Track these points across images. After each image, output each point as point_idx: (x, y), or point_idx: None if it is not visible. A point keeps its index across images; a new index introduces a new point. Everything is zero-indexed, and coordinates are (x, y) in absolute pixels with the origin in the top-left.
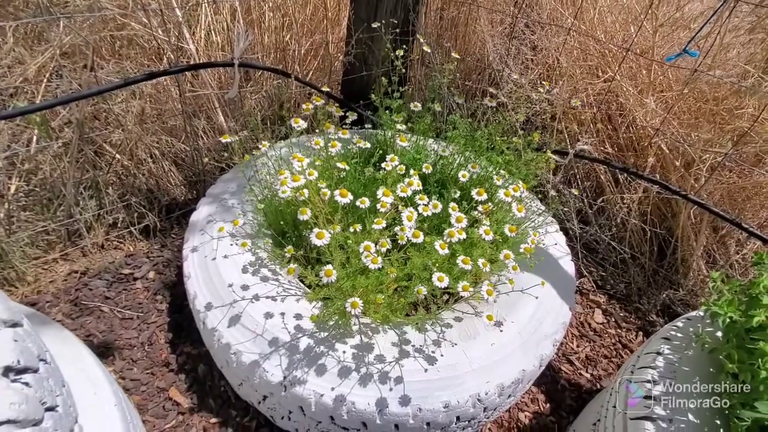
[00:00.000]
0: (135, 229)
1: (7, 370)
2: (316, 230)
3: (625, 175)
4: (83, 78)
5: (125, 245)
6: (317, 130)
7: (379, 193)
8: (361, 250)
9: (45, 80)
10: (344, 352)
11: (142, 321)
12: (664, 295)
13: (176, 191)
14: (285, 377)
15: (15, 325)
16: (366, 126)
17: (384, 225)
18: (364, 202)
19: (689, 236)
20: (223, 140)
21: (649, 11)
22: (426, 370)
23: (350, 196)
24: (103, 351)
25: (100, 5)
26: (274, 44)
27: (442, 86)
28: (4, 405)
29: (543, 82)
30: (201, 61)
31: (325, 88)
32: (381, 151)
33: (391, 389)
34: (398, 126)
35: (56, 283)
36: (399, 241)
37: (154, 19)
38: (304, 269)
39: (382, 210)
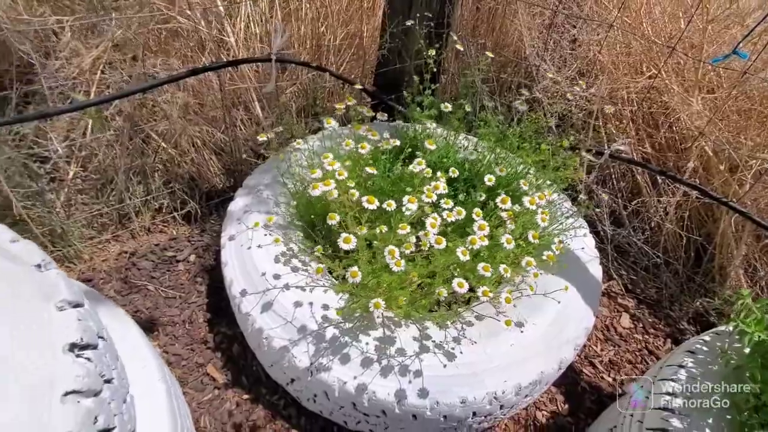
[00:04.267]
0: (178, 214)
1: (72, 347)
2: (343, 235)
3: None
4: (133, 70)
5: (169, 229)
6: (350, 125)
7: (405, 200)
8: (385, 253)
9: (99, 72)
10: (367, 343)
11: (183, 301)
12: (698, 303)
13: (215, 180)
14: (312, 363)
15: (77, 305)
16: (397, 118)
17: (408, 230)
18: (391, 205)
19: (729, 244)
20: (260, 138)
21: (701, 5)
22: (445, 366)
23: (376, 202)
24: (149, 326)
25: (149, 0)
26: (309, 35)
27: (475, 82)
28: (70, 377)
29: (580, 81)
30: (240, 53)
31: (358, 86)
32: (411, 148)
33: (410, 382)
34: (428, 125)
35: (108, 262)
36: (423, 245)
37: (197, 11)
38: (332, 261)
39: (407, 213)
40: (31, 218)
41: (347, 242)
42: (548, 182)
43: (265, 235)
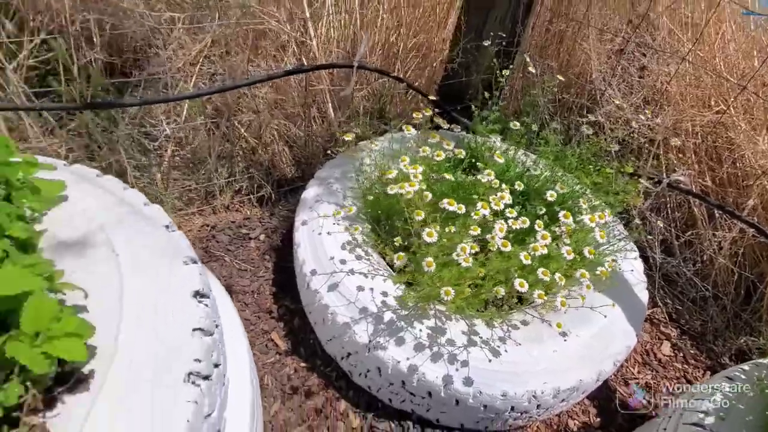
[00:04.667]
0: (254, 197)
1: (196, 294)
2: (427, 229)
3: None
4: (225, 64)
5: (244, 209)
6: (418, 132)
7: (478, 206)
8: (458, 250)
9: (199, 64)
10: (420, 330)
11: (253, 274)
12: (742, 341)
13: (286, 169)
14: (370, 341)
15: (195, 261)
16: (457, 127)
17: (478, 232)
18: (461, 209)
19: None
20: (347, 138)
21: None
22: (490, 361)
23: (456, 205)
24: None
25: (248, 2)
26: (381, 42)
27: (538, 102)
28: (195, 318)
29: (646, 109)
30: (319, 55)
31: (432, 97)
32: (471, 158)
33: (457, 369)
34: (492, 139)
35: (193, 232)
36: (489, 247)
37: (284, 13)
38: (393, 253)
39: (475, 217)
40: (138, 187)
41: (430, 236)
42: (603, 204)
43: (334, 223)
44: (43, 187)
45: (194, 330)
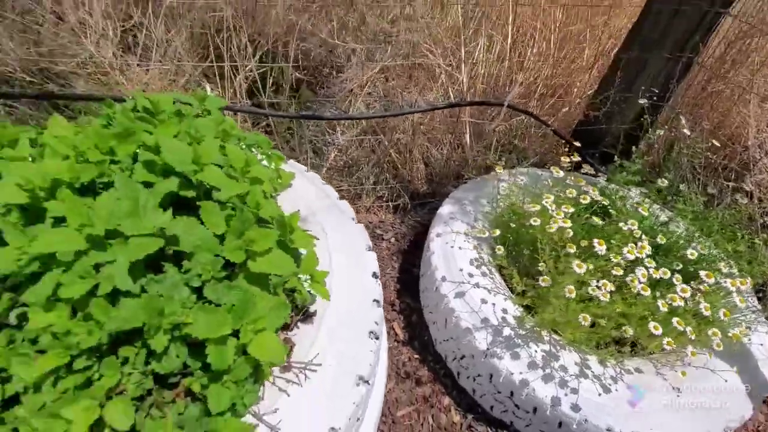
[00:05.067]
0: (391, 204)
1: (374, 274)
2: (576, 261)
3: None
4: (386, 89)
5: (381, 213)
6: (551, 168)
7: (624, 250)
8: (599, 285)
9: (366, 87)
10: (536, 351)
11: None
12: None
13: (420, 185)
14: (488, 348)
15: (371, 249)
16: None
17: (621, 273)
18: (602, 244)
19: None
20: (497, 169)
21: None
22: (600, 395)
23: (604, 246)
24: None
25: (413, 39)
26: (524, 82)
27: (681, 158)
28: (374, 292)
29: None
30: (466, 89)
31: (576, 144)
32: (606, 204)
33: (566, 394)
34: (633, 192)
35: None
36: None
37: (439, 50)
38: (519, 278)
39: (614, 260)
40: None
41: (579, 267)
42: (741, 272)
43: (465, 240)
44: (283, 176)
45: (373, 301)
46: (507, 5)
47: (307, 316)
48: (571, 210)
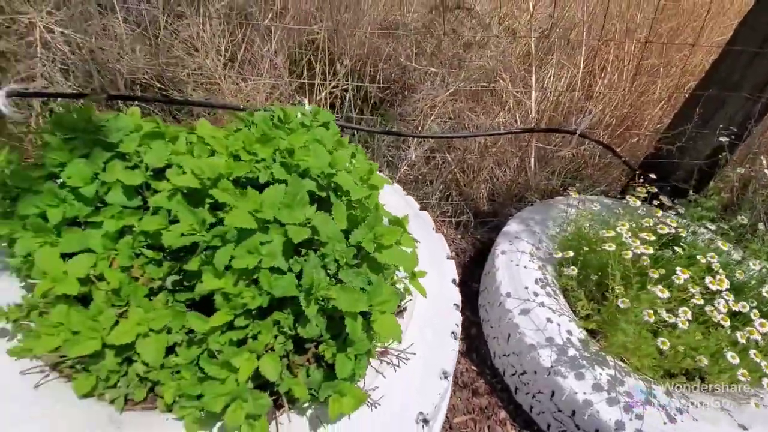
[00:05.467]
0: (454, 220)
1: (453, 281)
2: (659, 286)
3: None
4: (454, 108)
5: (444, 228)
6: (628, 197)
7: (707, 280)
8: (679, 312)
9: (436, 110)
10: (600, 374)
11: None
12: None
13: (480, 204)
14: (552, 366)
15: (450, 258)
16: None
17: (702, 302)
18: (680, 278)
19: None
20: (573, 194)
21: None
22: (665, 423)
23: (687, 274)
24: None
25: (486, 65)
26: (593, 110)
27: (756, 199)
28: (456, 298)
29: None
30: (532, 115)
31: (652, 176)
32: (680, 236)
33: (630, 419)
34: (705, 227)
35: None
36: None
37: (508, 76)
38: (588, 302)
39: (692, 290)
40: None
41: (663, 292)
42: None
43: (530, 260)
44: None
45: (454, 305)
46: (581, 37)
47: (400, 311)
48: (653, 238)
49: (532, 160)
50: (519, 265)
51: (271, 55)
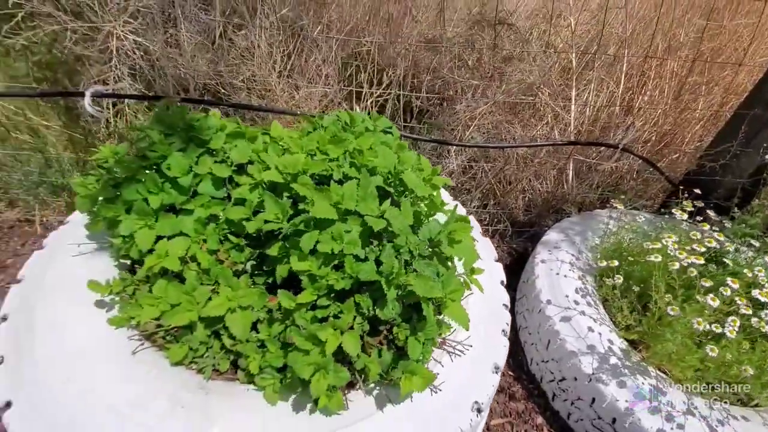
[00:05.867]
0: (491, 228)
1: (501, 282)
2: (710, 295)
3: None
4: (493, 120)
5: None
6: (674, 211)
7: (755, 292)
8: (728, 322)
9: (475, 121)
10: (642, 383)
11: None
12: None
13: (517, 214)
14: (593, 373)
15: (498, 261)
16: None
17: (750, 312)
18: (727, 290)
19: None
20: (617, 206)
21: None
22: None
23: (737, 284)
24: None
25: (527, 78)
26: (633, 124)
27: None
28: (504, 297)
29: None
30: (571, 129)
31: (698, 191)
32: (726, 251)
33: (672, 429)
34: (748, 243)
35: None
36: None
37: (546, 90)
38: (629, 313)
39: (740, 302)
40: None
41: (714, 300)
42: None
43: (570, 270)
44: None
45: (503, 304)
46: (621, 53)
47: None
48: (703, 249)
49: (571, 172)
50: (559, 273)
51: (322, 65)
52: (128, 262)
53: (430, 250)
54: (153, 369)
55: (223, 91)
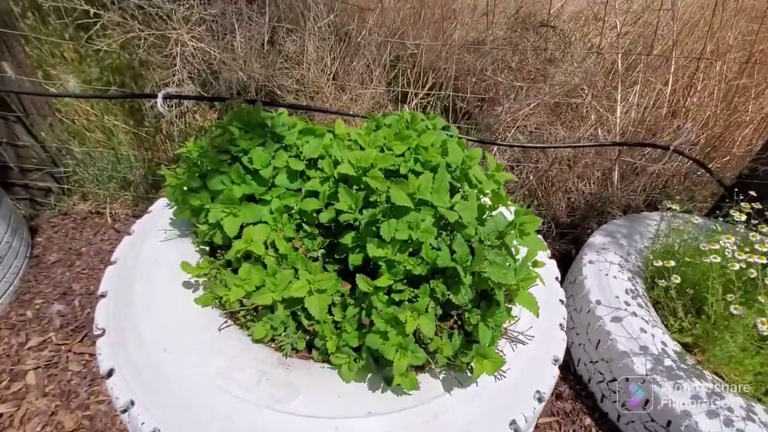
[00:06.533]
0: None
1: (556, 278)
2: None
3: None
4: (537, 121)
5: None
6: (731, 212)
7: None
8: None
9: (518, 122)
10: (698, 386)
11: None
12: None
13: (560, 215)
14: (647, 374)
15: (551, 258)
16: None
17: None
18: None
19: None
20: (674, 206)
21: None
22: None
23: None
24: None
25: (571, 80)
26: (681, 126)
27: None
28: (559, 293)
29: None
30: (617, 130)
31: (753, 193)
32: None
33: None
34: None
35: None
36: None
37: (590, 91)
38: (684, 315)
39: None
40: None
41: None
42: None
43: (619, 271)
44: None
45: (559, 300)
46: (668, 54)
47: None
48: (765, 249)
49: (616, 174)
50: (608, 274)
51: (367, 69)
52: (207, 248)
53: (498, 241)
54: (238, 344)
55: (278, 92)
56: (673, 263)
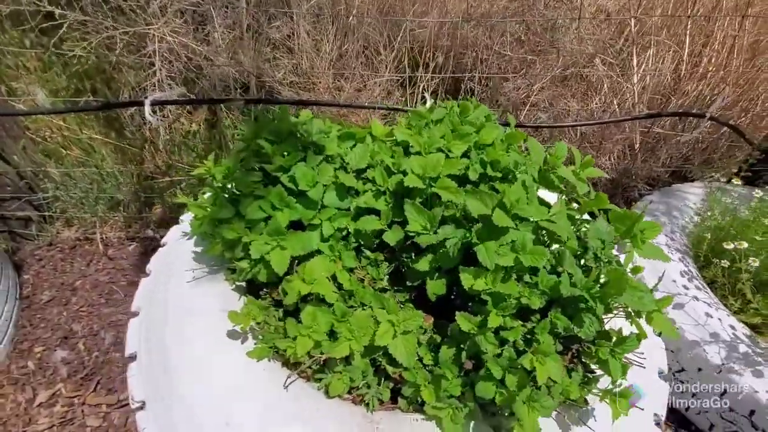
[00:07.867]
0: None
1: None
2: None
3: None
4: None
5: None
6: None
7: None
8: None
9: (531, 98)
10: None
11: None
12: None
13: None
14: (723, 363)
15: None
16: None
17: None
18: None
19: None
20: (720, 179)
21: None
22: None
23: None
24: None
25: (584, 49)
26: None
27: None
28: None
29: None
30: (635, 100)
31: None
32: None
33: None
34: None
35: None
36: None
37: (599, 61)
38: (752, 295)
39: None
40: None
41: None
42: None
43: (668, 251)
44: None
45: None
46: (684, 13)
47: None
48: None
49: (638, 146)
50: None
51: (366, 50)
52: (243, 284)
53: (615, 255)
54: (311, 404)
55: (273, 86)
56: (745, 244)
